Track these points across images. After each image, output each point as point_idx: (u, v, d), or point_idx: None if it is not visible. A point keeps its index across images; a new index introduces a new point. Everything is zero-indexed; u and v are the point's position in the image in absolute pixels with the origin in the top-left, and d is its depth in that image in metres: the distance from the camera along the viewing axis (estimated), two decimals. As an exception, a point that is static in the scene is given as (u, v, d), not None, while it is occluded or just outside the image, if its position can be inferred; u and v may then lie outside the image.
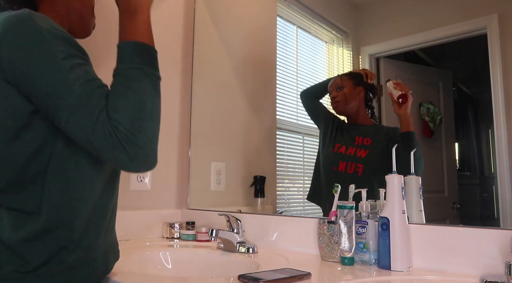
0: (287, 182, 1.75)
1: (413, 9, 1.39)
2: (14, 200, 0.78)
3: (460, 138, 1.32)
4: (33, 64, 0.74)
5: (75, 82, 0.74)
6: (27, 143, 0.77)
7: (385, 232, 1.06)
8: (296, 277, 0.94)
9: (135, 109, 0.76)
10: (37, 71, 0.74)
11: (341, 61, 1.62)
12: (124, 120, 0.74)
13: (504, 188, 1.14)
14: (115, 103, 0.75)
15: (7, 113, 0.76)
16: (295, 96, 1.75)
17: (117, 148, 0.73)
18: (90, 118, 0.73)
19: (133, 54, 0.81)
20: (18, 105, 0.76)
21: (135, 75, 0.79)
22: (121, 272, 0.99)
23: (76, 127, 0.74)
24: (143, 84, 0.79)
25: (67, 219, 0.81)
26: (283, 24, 1.78)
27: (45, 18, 0.78)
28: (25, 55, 0.74)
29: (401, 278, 1.01)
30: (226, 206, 1.71)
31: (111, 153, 0.74)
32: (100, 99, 0.75)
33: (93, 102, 0.74)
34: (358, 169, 1.44)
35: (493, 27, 1.19)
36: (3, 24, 0.75)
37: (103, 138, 0.73)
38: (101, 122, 0.73)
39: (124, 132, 0.74)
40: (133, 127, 0.75)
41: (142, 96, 0.78)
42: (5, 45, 0.74)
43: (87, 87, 0.75)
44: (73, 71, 0.75)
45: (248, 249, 1.33)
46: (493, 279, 0.91)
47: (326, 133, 1.56)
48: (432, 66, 1.41)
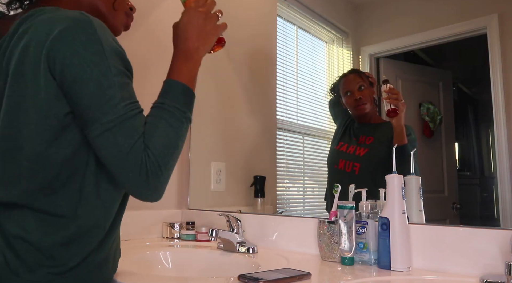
0: (287, 182, 1.75)
1: (413, 9, 1.39)
2: (45, 203, 0.77)
3: (460, 138, 1.32)
4: (85, 72, 0.73)
5: (121, 102, 0.75)
6: (66, 144, 0.77)
7: (385, 232, 1.06)
8: (296, 277, 0.94)
9: (170, 147, 0.79)
10: (87, 81, 0.73)
11: (341, 61, 1.62)
12: (158, 153, 0.76)
13: (504, 188, 1.14)
14: (155, 135, 0.77)
15: (52, 113, 0.74)
16: (295, 96, 1.75)
17: (141, 176, 0.75)
18: (128, 141, 0.74)
19: (181, 95, 0.85)
20: (62, 105, 0.75)
21: (178, 115, 0.82)
22: (121, 272, 0.99)
23: (109, 144, 0.74)
24: (182, 126, 0.83)
25: (101, 221, 0.82)
26: (283, 24, 1.78)
27: (103, 26, 0.78)
28: (80, 61, 0.73)
29: (401, 278, 1.01)
30: (226, 206, 1.71)
31: (133, 178, 0.75)
32: (140, 125, 0.77)
33: (134, 126, 0.76)
34: (355, 167, 1.44)
35: (493, 27, 1.19)
36: (61, 23, 0.74)
37: (134, 162, 0.74)
38: (137, 148, 0.75)
39: (154, 164, 0.76)
40: (163, 162, 0.77)
41: (178, 137, 0.81)
42: (62, 46, 0.73)
43: (131, 109, 0.76)
44: (121, 89, 0.75)
45: (248, 249, 1.33)
46: (493, 279, 0.91)
47: (338, 131, 1.55)
48: (432, 66, 1.41)
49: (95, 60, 0.73)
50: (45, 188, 0.76)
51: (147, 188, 0.76)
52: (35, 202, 0.76)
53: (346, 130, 1.51)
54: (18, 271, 0.74)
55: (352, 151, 1.46)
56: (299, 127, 1.73)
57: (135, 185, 0.76)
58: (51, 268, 0.76)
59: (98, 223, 0.82)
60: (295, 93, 1.75)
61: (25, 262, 0.74)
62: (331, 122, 1.64)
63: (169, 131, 0.80)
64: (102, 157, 0.76)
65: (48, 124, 0.74)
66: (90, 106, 0.73)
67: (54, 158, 0.76)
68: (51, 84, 0.73)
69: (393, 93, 1.36)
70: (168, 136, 0.79)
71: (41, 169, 0.75)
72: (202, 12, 0.93)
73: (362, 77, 1.48)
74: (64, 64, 0.72)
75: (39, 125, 0.74)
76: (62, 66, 0.72)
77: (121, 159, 0.74)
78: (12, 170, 0.76)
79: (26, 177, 0.76)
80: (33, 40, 0.74)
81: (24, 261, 0.74)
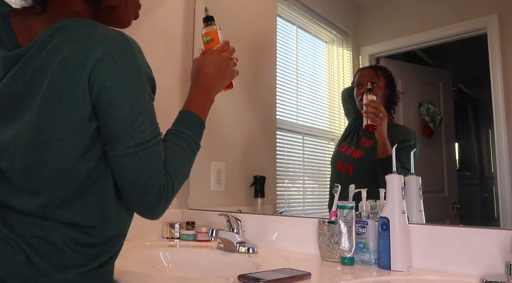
0: (287, 182, 1.75)
1: (413, 9, 1.39)
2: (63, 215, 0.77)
3: (460, 138, 1.32)
4: (122, 97, 0.75)
5: (149, 127, 0.78)
6: (91, 159, 0.78)
7: (385, 232, 1.06)
8: (296, 277, 0.94)
9: (183, 174, 0.86)
10: (122, 105, 0.75)
11: (341, 61, 1.62)
12: (174, 179, 0.82)
13: (504, 188, 1.14)
14: (174, 162, 0.83)
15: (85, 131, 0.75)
16: (295, 96, 1.75)
17: (157, 198, 0.79)
18: (152, 166, 0.78)
19: (198, 128, 0.93)
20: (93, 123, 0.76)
21: (194, 147, 0.90)
22: (121, 272, 0.99)
23: (134, 165, 0.76)
24: (194, 157, 0.91)
25: (122, 230, 0.86)
26: (283, 24, 1.78)
27: (139, 49, 0.80)
28: (119, 86, 0.74)
29: (401, 278, 1.01)
30: (226, 206, 1.71)
31: (148, 199, 0.78)
32: (162, 150, 0.81)
33: (158, 151, 0.80)
34: (349, 169, 1.44)
35: (493, 27, 1.19)
36: (102, 44, 0.74)
37: (154, 186, 0.78)
38: (160, 172, 0.79)
39: (170, 188, 0.81)
40: (176, 188, 0.83)
41: (190, 166, 0.89)
42: (103, 68, 0.73)
43: (156, 135, 0.80)
44: (150, 115, 0.80)
45: (248, 249, 1.33)
46: (493, 279, 0.91)
47: (345, 132, 1.53)
48: (432, 66, 1.41)
49: (132, 86, 0.76)
50: (64, 201, 0.77)
51: (157, 209, 0.81)
52: (53, 215, 0.77)
53: (351, 131, 1.50)
54: (48, 272, 0.75)
55: (349, 153, 1.46)
56: (299, 127, 1.73)
57: (147, 205, 0.80)
58: (78, 268, 0.78)
59: (120, 231, 0.85)
60: (295, 93, 1.75)
61: (52, 262, 0.75)
62: (331, 122, 1.64)
63: (186, 160, 0.87)
64: (120, 175, 0.78)
65: (81, 141, 0.75)
66: (120, 129, 0.75)
67: (79, 173, 0.77)
68: (88, 104, 0.74)
69: (372, 107, 1.35)
70: (184, 165, 0.86)
71: (65, 183, 0.76)
72: (225, 57, 1.03)
73: (378, 75, 1.45)
74: (103, 86, 0.73)
75: (71, 142, 0.74)
76: (100, 88, 0.73)
77: (142, 181, 0.77)
78: (35, 182, 0.76)
79: (48, 190, 0.76)
80: (72, 57, 0.72)
81: (51, 261, 0.75)
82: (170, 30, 1.88)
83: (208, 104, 0.99)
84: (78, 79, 0.72)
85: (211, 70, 1.00)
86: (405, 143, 1.28)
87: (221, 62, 1.02)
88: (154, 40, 1.77)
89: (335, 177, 1.52)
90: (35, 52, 0.74)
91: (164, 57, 1.83)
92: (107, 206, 0.81)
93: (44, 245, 0.75)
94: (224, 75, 1.03)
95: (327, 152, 1.66)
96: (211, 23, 1.09)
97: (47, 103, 0.73)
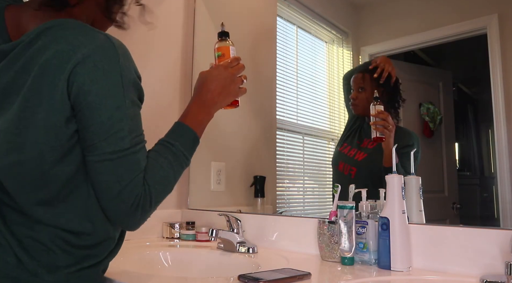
0: (287, 182, 1.75)
1: (413, 9, 1.39)
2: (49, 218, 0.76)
3: (460, 138, 1.32)
4: (101, 102, 0.73)
5: (129, 135, 0.76)
6: (70, 162, 0.76)
7: (385, 232, 1.06)
8: (296, 277, 0.94)
9: (165, 187, 0.82)
10: (100, 110, 0.73)
11: (341, 61, 1.62)
12: (154, 191, 0.79)
13: (504, 188, 1.14)
14: (156, 174, 0.80)
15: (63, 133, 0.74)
16: (295, 96, 1.75)
17: (132, 208, 0.76)
18: (129, 175, 0.75)
19: (191, 142, 0.90)
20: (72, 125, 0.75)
21: (181, 161, 0.86)
22: (121, 272, 0.99)
23: (108, 172, 0.75)
24: (182, 170, 0.87)
25: (111, 233, 0.84)
26: (283, 24, 1.78)
27: (126, 53, 0.78)
28: (98, 90, 0.72)
29: (401, 278, 1.01)
30: (226, 206, 1.71)
31: (123, 208, 0.76)
32: (143, 159, 0.79)
33: (137, 160, 0.77)
34: (352, 171, 1.44)
35: (493, 27, 1.19)
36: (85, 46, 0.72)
37: (129, 195, 0.75)
38: (137, 182, 0.76)
39: (147, 200, 0.78)
40: (155, 200, 0.80)
41: (175, 179, 0.85)
42: (83, 71, 0.72)
43: (136, 143, 0.77)
44: (131, 122, 0.77)
45: (248, 249, 1.33)
46: (493, 279, 0.91)
47: (346, 129, 1.52)
48: (432, 66, 1.41)
49: (112, 92, 0.74)
50: (46, 203, 0.76)
51: (132, 219, 0.79)
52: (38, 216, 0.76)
53: (352, 132, 1.49)
54: (38, 272, 0.74)
55: (352, 154, 1.46)
56: (299, 127, 1.73)
57: (122, 214, 0.78)
58: (68, 268, 0.77)
59: (110, 235, 0.83)
60: (295, 93, 1.75)
61: (42, 263, 0.75)
62: (331, 122, 1.64)
63: (170, 174, 0.83)
64: (95, 182, 0.76)
65: (58, 144, 0.73)
66: (97, 134, 0.74)
67: (58, 176, 0.75)
68: (67, 107, 0.72)
69: (381, 118, 1.33)
70: (167, 178, 0.82)
71: (43, 185, 0.75)
72: (231, 73, 1.00)
73: (365, 79, 1.45)
74: (82, 89, 0.72)
75: (48, 145, 0.73)
76: (78, 91, 0.72)
77: (117, 189, 0.75)
78: (14, 183, 0.75)
79: (26, 192, 0.75)
80: (55, 59, 0.71)
81: (40, 262, 0.74)
82: (170, 30, 1.88)
83: (206, 119, 0.95)
84: (58, 82, 0.71)
85: (214, 85, 0.97)
86: (408, 148, 1.27)
87: (227, 78, 0.99)
88: (154, 40, 1.77)
89: (337, 178, 1.51)
90: (21, 51, 0.73)
91: (165, 57, 1.83)
92: (93, 211, 0.79)
93: (34, 245, 0.75)
94: (228, 91, 0.99)
95: (327, 152, 1.66)
96: (225, 38, 1.07)
97: (27, 104, 0.72)
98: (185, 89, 1.90)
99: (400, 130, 1.36)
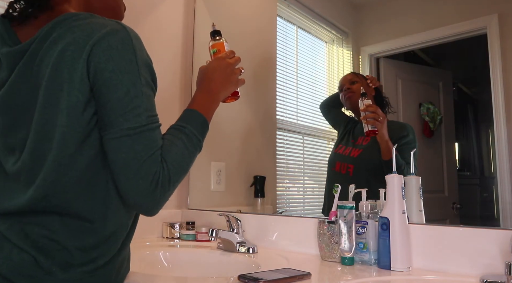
0: (287, 182, 1.75)
1: (413, 9, 1.39)
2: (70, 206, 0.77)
3: (460, 138, 1.32)
4: (117, 78, 0.75)
5: (145, 112, 0.77)
6: (91, 146, 0.78)
7: (385, 232, 1.06)
8: (296, 277, 0.94)
9: (182, 167, 0.83)
10: (117, 86, 0.75)
11: (341, 61, 1.62)
12: (172, 169, 0.79)
13: (504, 188, 1.14)
14: (172, 151, 0.81)
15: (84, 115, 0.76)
16: (295, 96, 1.75)
17: (151, 186, 0.76)
18: (147, 150, 0.76)
19: (200, 126, 0.90)
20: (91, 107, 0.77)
21: (195, 142, 0.87)
22: (121, 272, 0.99)
23: (126, 149, 0.75)
24: (196, 152, 0.88)
25: (125, 220, 0.85)
26: (283, 24, 1.78)
27: (138, 37, 0.81)
28: (114, 67, 0.75)
29: (401, 278, 1.01)
30: (226, 206, 1.71)
31: (142, 186, 0.76)
32: (159, 138, 0.80)
33: (154, 137, 0.78)
34: (349, 169, 1.44)
35: (493, 27, 1.19)
36: (99, 30, 0.76)
37: (148, 171, 0.76)
38: (155, 158, 0.77)
39: (166, 178, 0.78)
40: (173, 179, 0.80)
41: (190, 161, 0.86)
42: (99, 51, 0.74)
43: (153, 121, 0.79)
44: (148, 100, 0.78)
45: (248, 249, 1.33)
46: (493, 279, 0.91)
47: (339, 135, 1.55)
48: (432, 66, 1.41)
49: (127, 69, 0.76)
50: (67, 191, 0.77)
51: (151, 200, 0.78)
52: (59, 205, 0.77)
53: (347, 134, 1.51)
54: (52, 270, 0.74)
55: (347, 153, 1.46)
56: (299, 127, 1.73)
57: (141, 194, 0.77)
58: (82, 266, 0.77)
59: (123, 222, 0.84)
60: (295, 93, 1.75)
61: (56, 261, 0.75)
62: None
63: (185, 153, 0.84)
64: (113, 160, 0.77)
65: (80, 126, 0.75)
66: (114, 110, 0.75)
67: (80, 161, 0.77)
68: (86, 87, 0.75)
69: (370, 111, 1.36)
70: (183, 157, 0.83)
71: (67, 171, 0.76)
72: (230, 64, 1.03)
73: (359, 76, 1.49)
74: (99, 68, 0.74)
75: (71, 128, 0.75)
76: (96, 70, 0.74)
77: (135, 166, 0.75)
78: (39, 171, 0.76)
79: (51, 179, 0.76)
80: (72, 45, 0.75)
81: (55, 260, 0.75)
82: (170, 30, 1.88)
83: (213, 107, 0.97)
84: (77, 65, 0.74)
85: (216, 75, 1.00)
86: (404, 138, 1.29)
87: (226, 68, 1.02)
88: (154, 40, 1.77)
89: (332, 179, 1.51)
90: (38, 46, 0.77)
91: (164, 57, 1.83)
92: (110, 197, 0.80)
93: (49, 244, 0.75)
94: (229, 80, 1.02)
95: (327, 152, 1.66)
96: (218, 36, 1.10)
97: (49, 92, 0.75)
98: (185, 90, 1.90)
99: (393, 124, 1.37)
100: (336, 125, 1.59)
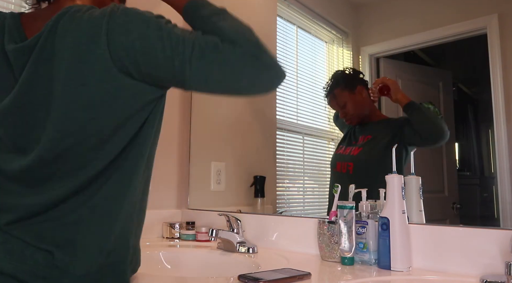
0: (287, 182, 1.75)
1: (413, 9, 1.39)
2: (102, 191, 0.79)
3: (460, 138, 1.32)
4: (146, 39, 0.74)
5: (184, 35, 0.75)
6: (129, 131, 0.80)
7: (385, 232, 1.06)
8: (296, 277, 0.94)
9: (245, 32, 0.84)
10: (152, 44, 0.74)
11: (341, 61, 1.62)
12: (244, 42, 0.79)
13: (504, 188, 1.14)
14: (226, 33, 0.79)
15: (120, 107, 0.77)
16: (295, 96, 1.75)
17: (259, 65, 0.78)
18: (214, 52, 0.75)
19: (207, 4, 0.91)
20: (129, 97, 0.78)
21: (226, 13, 0.89)
22: (121, 272, 0.99)
23: (209, 68, 0.75)
24: (231, 17, 0.89)
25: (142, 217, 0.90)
26: (283, 24, 1.78)
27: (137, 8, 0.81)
28: (136, 36, 0.74)
29: (401, 278, 1.01)
30: (226, 206, 1.71)
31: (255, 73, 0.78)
32: (213, 37, 0.77)
33: (209, 40, 0.76)
34: (349, 167, 1.44)
35: (493, 27, 1.19)
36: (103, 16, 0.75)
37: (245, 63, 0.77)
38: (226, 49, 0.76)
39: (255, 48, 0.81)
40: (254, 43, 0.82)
41: (240, 22, 0.88)
42: (115, 36, 0.74)
43: (194, 35, 0.77)
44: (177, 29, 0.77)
45: (248, 249, 1.33)
46: (493, 279, 0.91)
47: (342, 138, 1.56)
48: (432, 66, 1.41)
49: (145, 24, 0.75)
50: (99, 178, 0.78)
51: (267, 69, 0.80)
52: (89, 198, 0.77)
53: (348, 134, 1.52)
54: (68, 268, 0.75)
55: (348, 152, 1.47)
56: (299, 127, 1.73)
57: (257, 74, 0.78)
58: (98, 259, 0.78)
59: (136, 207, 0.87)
60: (295, 93, 1.75)
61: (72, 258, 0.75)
62: (331, 122, 1.64)
63: (234, 22, 0.85)
64: (219, 85, 0.77)
65: (117, 116, 0.77)
66: (169, 59, 0.74)
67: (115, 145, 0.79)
68: (120, 78, 0.75)
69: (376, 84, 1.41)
70: (238, 25, 0.85)
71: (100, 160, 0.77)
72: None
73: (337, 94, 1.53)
74: (127, 47, 0.74)
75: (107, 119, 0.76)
76: (126, 50, 0.74)
77: (236, 71, 0.75)
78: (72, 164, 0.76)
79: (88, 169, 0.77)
80: (82, 38, 0.74)
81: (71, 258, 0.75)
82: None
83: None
84: (100, 57, 0.74)
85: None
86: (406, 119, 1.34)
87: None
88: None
89: (333, 179, 1.52)
90: (45, 40, 0.76)
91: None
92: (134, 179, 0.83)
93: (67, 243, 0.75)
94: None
95: (327, 152, 1.66)
96: None
97: (70, 88, 0.74)
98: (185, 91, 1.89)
99: (388, 120, 1.41)
100: (342, 129, 1.60)
